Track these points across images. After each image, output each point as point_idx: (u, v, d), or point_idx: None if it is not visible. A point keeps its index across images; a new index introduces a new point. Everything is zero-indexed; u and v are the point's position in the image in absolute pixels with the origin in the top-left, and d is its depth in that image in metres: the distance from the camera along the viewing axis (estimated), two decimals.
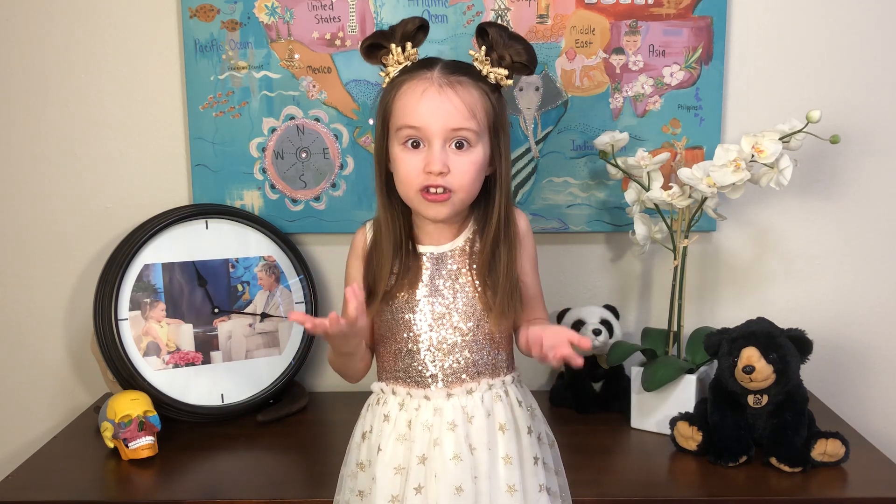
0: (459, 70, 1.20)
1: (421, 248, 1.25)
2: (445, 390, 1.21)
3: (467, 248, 1.25)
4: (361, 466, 1.24)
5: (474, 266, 1.24)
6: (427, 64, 1.21)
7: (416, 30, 1.21)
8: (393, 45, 1.21)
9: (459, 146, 1.19)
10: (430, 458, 1.18)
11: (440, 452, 1.18)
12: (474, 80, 1.20)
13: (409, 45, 1.21)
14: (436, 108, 1.17)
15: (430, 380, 1.22)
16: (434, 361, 1.22)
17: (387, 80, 1.22)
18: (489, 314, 1.22)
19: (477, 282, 1.23)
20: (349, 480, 1.26)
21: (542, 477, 1.22)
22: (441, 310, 1.22)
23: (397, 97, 1.20)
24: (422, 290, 1.23)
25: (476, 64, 1.21)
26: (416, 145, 1.19)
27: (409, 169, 1.19)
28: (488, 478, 1.18)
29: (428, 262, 1.24)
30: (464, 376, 1.22)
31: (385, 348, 1.26)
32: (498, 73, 1.21)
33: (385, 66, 1.22)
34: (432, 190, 1.19)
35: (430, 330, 1.22)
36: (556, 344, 1.13)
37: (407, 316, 1.23)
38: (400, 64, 1.21)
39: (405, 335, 1.23)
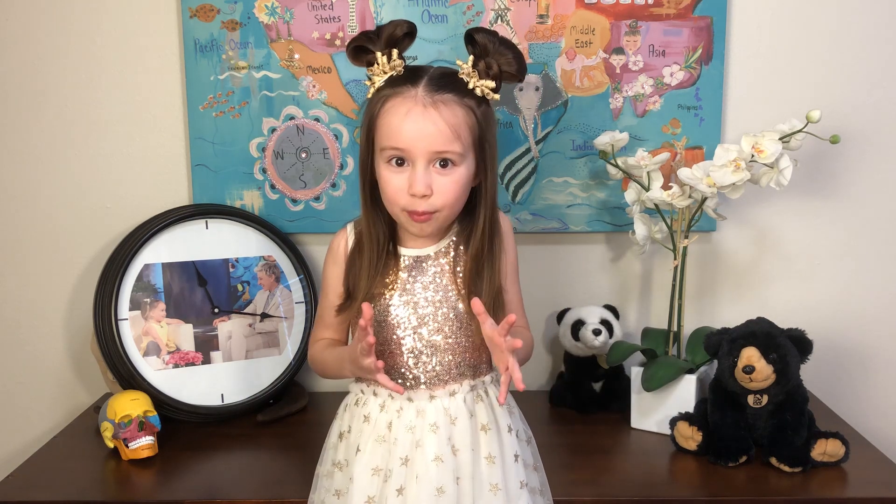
0: (445, 86, 1.17)
1: (403, 251, 1.25)
2: (428, 392, 1.22)
3: (450, 250, 1.25)
4: (339, 466, 1.24)
5: (458, 269, 1.24)
6: (412, 78, 1.18)
7: (403, 35, 1.19)
8: (378, 54, 1.18)
9: (444, 164, 1.18)
10: (413, 459, 1.18)
11: (422, 454, 1.18)
12: (460, 97, 1.17)
13: (394, 52, 1.18)
14: (419, 130, 1.15)
15: (412, 382, 1.22)
16: (417, 364, 1.22)
17: (372, 89, 1.20)
18: (473, 322, 1.21)
19: (459, 282, 1.23)
20: (325, 480, 1.26)
21: (521, 474, 1.22)
22: (423, 312, 1.22)
23: (381, 114, 1.18)
24: (404, 293, 1.23)
25: (463, 77, 1.19)
26: (400, 163, 1.18)
27: (395, 187, 1.19)
28: (472, 477, 1.18)
29: (410, 264, 1.24)
30: (447, 378, 1.22)
31: None
32: (485, 87, 1.19)
33: (370, 73, 1.20)
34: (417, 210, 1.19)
35: (413, 332, 1.22)
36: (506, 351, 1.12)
37: (390, 319, 1.23)
38: (385, 74, 1.19)
39: (387, 338, 1.23)
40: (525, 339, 1.27)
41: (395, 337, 1.23)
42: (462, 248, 1.25)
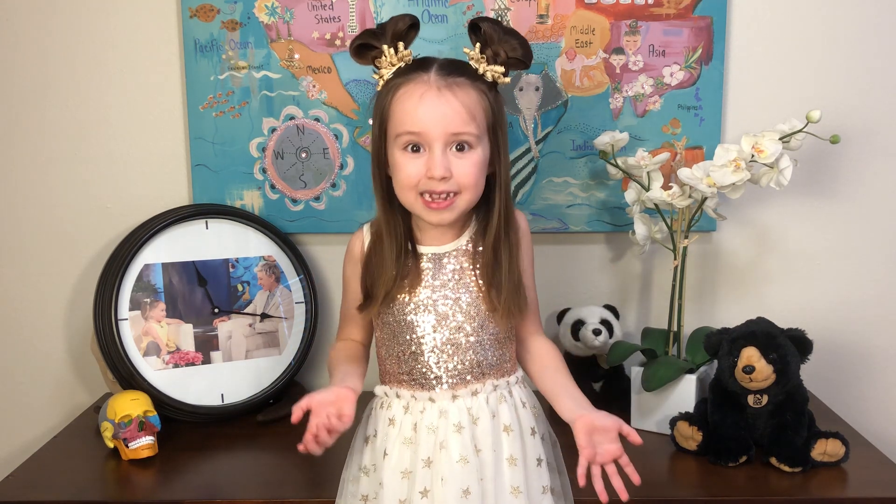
0: (456, 70, 1.18)
1: (422, 249, 1.24)
2: (450, 392, 1.20)
3: (470, 247, 1.24)
4: (365, 471, 1.23)
5: (477, 266, 1.23)
6: (423, 65, 1.18)
7: (407, 29, 1.19)
8: (385, 47, 1.18)
9: (460, 148, 1.17)
10: (436, 461, 1.17)
11: (446, 455, 1.17)
12: (472, 81, 1.18)
13: (401, 45, 1.19)
14: (435, 113, 1.15)
15: (434, 382, 1.21)
16: (438, 363, 1.21)
17: (381, 82, 1.20)
18: (495, 314, 1.21)
19: (481, 282, 1.22)
20: (351, 485, 1.26)
21: (545, 478, 1.22)
22: (444, 311, 1.21)
23: (395, 101, 1.17)
24: (424, 292, 1.22)
25: (472, 63, 1.19)
26: (415, 149, 1.17)
27: (410, 173, 1.17)
28: (493, 479, 1.17)
29: (429, 262, 1.23)
30: (468, 377, 1.21)
31: (388, 351, 1.25)
32: (495, 71, 1.19)
33: (378, 67, 1.20)
34: (435, 196, 1.17)
35: (434, 331, 1.21)
36: (607, 441, 1.13)
37: (410, 318, 1.22)
38: (393, 66, 1.19)
39: (408, 337, 1.22)
40: (555, 360, 1.29)
41: (415, 336, 1.22)
42: (481, 245, 1.23)
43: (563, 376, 1.26)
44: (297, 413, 1.13)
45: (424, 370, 1.22)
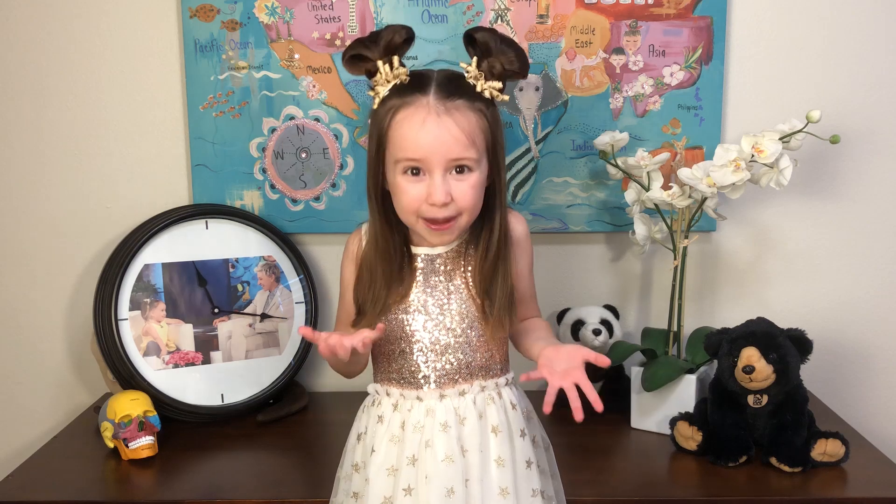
0: (455, 92, 1.16)
1: (416, 250, 1.25)
2: (438, 391, 1.21)
3: (462, 249, 1.24)
4: (356, 468, 1.24)
5: (469, 268, 1.23)
6: (420, 85, 1.16)
7: (402, 42, 1.18)
8: (380, 63, 1.17)
9: (460, 171, 1.17)
10: (421, 459, 1.18)
11: (432, 454, 1.17)
12: (470, 101, 1.17)
13: (395, 59, 1.17)
14: (436, 140, 1.14)
15: (422, 381, 1.22)
16: (427, 362, 1.22)
17: (377, 98, 1.19)
18: (486, 325, 1.22)
19: (471, 283, 1.23)
20: (344, 482, 1.26)
21: (535, 481, 1.22)
22: (435, 311, 1.22)
23: (394, 125, 1.16)
24: (416, 292, 1.23)
25: (469, 80, 1.18)
26: (415, 172, 1.17)
27: (412, 198, 1.17)
28: (480, 480, 1.17)
29: (422, 263, 1.24)
30: (456, 377, 1.22)
31: (380, 349, 1.26)
32: (493, 89, 1.18)
33: (373, 84, 1.19)
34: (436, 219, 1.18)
35: (424, 331, 1.22)
36: (571, 367, 1.13)
37: (401, 317, 1.23)
38: (389, 83, 1.18)
39: (398, 336, 1.23)
40: (538, 326, 1.31)
41: (404, 335, 1.23)
42: (473, 247, 1.24)
43: (542, 333, 1.28)
44: (313, 335, 1.14)
45: (413, 369, 1.22)
